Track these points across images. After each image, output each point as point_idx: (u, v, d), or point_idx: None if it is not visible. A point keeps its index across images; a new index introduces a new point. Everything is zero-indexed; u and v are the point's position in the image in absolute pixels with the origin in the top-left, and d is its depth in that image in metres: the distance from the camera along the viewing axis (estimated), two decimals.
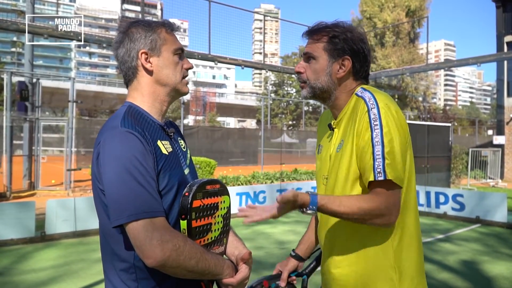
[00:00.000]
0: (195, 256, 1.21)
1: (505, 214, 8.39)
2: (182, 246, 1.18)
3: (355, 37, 1.50)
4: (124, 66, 1.40)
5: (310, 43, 1.54)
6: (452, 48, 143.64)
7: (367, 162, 1.36)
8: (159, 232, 1.16)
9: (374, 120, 1.36)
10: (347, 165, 1.45)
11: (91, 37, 11.74)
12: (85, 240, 6.78)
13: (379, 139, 1.35)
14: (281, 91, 56.60)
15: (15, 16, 35.80)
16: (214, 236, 1.38)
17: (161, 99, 1.41)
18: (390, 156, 1.34)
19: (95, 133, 23.74)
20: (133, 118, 1.29)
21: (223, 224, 1.43)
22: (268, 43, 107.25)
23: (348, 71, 1.51)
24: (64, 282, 4.80)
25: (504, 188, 15.86)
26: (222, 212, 1.41)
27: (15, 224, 6.45)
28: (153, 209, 1.18)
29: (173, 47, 1.40)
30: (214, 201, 1.37)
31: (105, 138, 1.24)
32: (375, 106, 1.39)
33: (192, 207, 1.28)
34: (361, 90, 1.51)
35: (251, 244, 6.46)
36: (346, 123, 1.51)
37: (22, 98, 12.07)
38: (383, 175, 1.32)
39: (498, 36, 20.59)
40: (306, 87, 1.55)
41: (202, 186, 1.32)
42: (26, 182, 12.44)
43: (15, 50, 75.51)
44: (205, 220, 1.34)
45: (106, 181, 1.21)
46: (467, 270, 5.45)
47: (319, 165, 1.67)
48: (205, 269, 1.24)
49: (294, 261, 1.76)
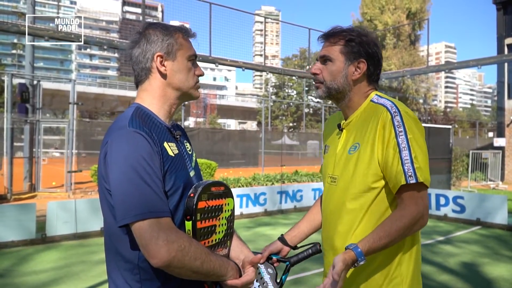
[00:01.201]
0: (200, 257, 1.21)
1: (506, 216, 8.39)
2: (187, 247, 1.18)
3: (370, 41, 1.57)
4: (137, 66, 1.40)
5: (327, 46, 1.59)
6: (453, 50, 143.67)
7: (395, 168, 1.41)
8: (165, 232, 1.16)
9: (398, 126, 1.43)
10: (364, 169, 1.48)
11: (92, 39, 11.76)
12: (85, 242, 6.78)
13: (406, 145, 1.41)
14: (282, 93, 56.61)
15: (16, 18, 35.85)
16: (218, 238, 1.39)
17: (170, 102, 1.42)
18: (418, 160, 1.40)
19: (96, 135, 23.77)
20: (141, 119, 1.30)
21: (227, 226, 1.43)
22: (268, 45, 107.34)
23: (363, 73, 1.57)
24: (64, 284, 4.80)
25: (505, 190, 15.83)
26: (226, 214, 1.41)
27: (16, 226, 6.45)
28: (159, 209, 1.19)
29: (188, 53, 1.42)
30: (219, 203, 1.38)
31: (113, 138, 1.25)
32: (398, 113, 1.45)
33: (198, 208, 1.29)
34: (377, 97, 1.58)
35: (251, 245, 6.42)
36: (359, 127, 1.55)
37: (22, 100, 12.08)
38: (414, 178, 1.38)
39: (499, 38, 20.60)
40: (322, 87, 1.60)
41: (207, 187, 1.33)
42: (27, 184, 12.44)
43: (15, 52, 75.58)
44: (209, 222, 1.34)
45: (113, 180, 1.21)
46: (467, 272, 5.45)
47: (325, 164, 1.71)
48: (210, 270, 1.24)
49: (279, 243, 1.78)
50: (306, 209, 10.32)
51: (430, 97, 48.13)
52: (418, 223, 1.39)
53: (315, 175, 16.01)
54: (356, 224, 1.51)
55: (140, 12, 52.81)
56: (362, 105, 1.59)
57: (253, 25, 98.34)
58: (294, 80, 53.31)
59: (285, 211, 10.02)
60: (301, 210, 10.28)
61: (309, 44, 13.26)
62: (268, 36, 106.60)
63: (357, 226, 1.50)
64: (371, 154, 1.47)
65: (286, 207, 10.07)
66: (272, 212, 9.73)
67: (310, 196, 10.67)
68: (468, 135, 46.49)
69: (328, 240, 1.63)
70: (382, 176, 1.47)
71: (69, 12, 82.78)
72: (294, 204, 10.29)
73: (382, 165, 1.45)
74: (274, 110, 52.17)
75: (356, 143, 1.53)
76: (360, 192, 1.49)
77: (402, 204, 1.41)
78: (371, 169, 1.47)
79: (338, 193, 1.57)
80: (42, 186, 12.66)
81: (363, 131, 1.52)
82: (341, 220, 1.55)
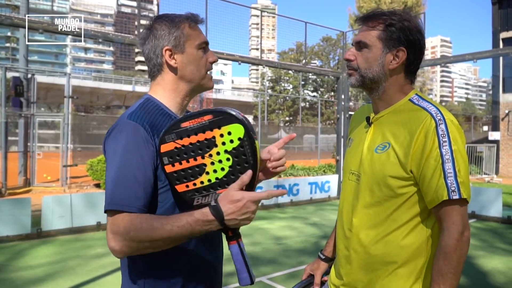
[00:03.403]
0: (149, 234, 1.15)
1: (500, 209, 8.45)
2: (126, 233, 1.15)
3: (412, 27, 1.42)
4: (150, 63, 1.40)
5: (364, 31, 1.46)
6: (448, 44, 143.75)
7: (436, 181, 1.29)
8: (111, 226, 1.18)
9: (442, 136, 1.31)
10: (393, 173, 1.38)
11: (87, 32, 11.65)
12: (81, 236, 6.76)
13: (450, 156, 1.29)
14: (278, 87, 56.53)
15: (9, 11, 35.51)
16: (216, 178, 1.21)
17: (183, 95, 1.41)
18: (461, 174, 1.29)
19: (91, 129, 23.69)
20: (144, 111, 1.30)
21: (233, 161, 1.20)
22: (265, 39, 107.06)
23: (402, 63, 1.43)
24: (60, 279, 4.79)
25: (499, 184, 15.94)
26: (227, 147, 1.19)
27: (11, 221, 6.42)
28: (124, 203, 1.18)
29: (197, 42, 1.39)
30: (203, 137, 1.19)
31: (112, 127, 1.30)
32: (443, 121, 1.32)
33: (161, 152, 1.20)
34: (417, 97, 1.45)
35: (248, 240, 6.46)
36: (392, 125, 1.43)
37: (17, 94, 11.99)
38: (457, 193, 1.27)
39: (494, 32, 20.64)
40: (355, 74, 1.47)
41: (173, 125, 1.19)
42: (22, 179, 12.38)
43: (9, 45, 74.95)
44: (189, 163, 1.20)
45: (106, 167, 1.27)
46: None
47: (348, 159, 1.60)
48: (166, 237, 1.15)
49: (323, 263, 1.75)
50: (302, 203, 10.38)
51: (426, 91, 48.33)
52: (466, 241, 1.30)
53: (311, 169, 16.03)
54: (374, 226, 1.43)
55: (136, 5, 52.42)
56: (399, 102, 1.45)
57: (249, 19, 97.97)
58: (290, 74, 53.22)
59: (281, 205, 10.03)
60: (298, 204, 10.31)
61: (306, 38, 13.20)
62: (264, 30, 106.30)
63: (375, 228, 1.43)
64: (404, 160, 1.35)
65: (282, 201, 10.08)
66: (268, 206, 9.74)
67: (307, 190, 10.70)
68: (463, 128, 46.60)
69: (341, 238, 1.56)
70: (410, 184, 1.37)
71: (63, 5, 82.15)
72: (291, 198, 10.31)
73: (418, 176, 1.34)
74: (271, 104, 52.11)
75: (386, 143, 1.42)
76: (385, 196, 1.40)
77: (442, 225, 1.31)
78: (400, 175, 1.36)
79: (360, 192, 1.47)
80: (37, 180, 12.60)
81: (397, 132, 1.39)
82: (358, 219, 1.48)
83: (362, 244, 1.46)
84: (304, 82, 54.88)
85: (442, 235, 1.31)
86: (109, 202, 1.19)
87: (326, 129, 35.00)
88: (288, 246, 6.37)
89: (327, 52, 53.64)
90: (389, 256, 1.41)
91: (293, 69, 15.43)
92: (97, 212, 7.05)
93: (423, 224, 1.39)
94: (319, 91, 56.22)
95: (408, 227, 1.39)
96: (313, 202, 10.70)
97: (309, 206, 10.29)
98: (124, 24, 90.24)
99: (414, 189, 1.37)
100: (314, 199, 10.83)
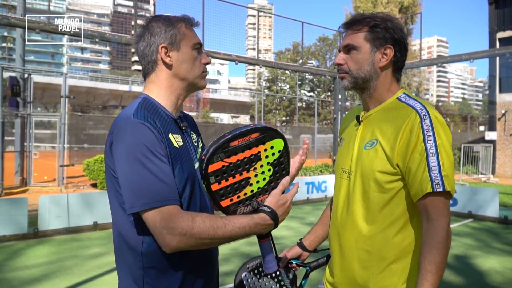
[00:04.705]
0: (209, 232, 1.21)
1: (497, 209, 8.48)
2: (189, 230, 1.19)
3: (395, 26, 1.50)
4: (144, 59, 1.42)
5: (350, 35, 1.52)
6: (444, 44, 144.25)
7: (421, 174, 1.33)
8: (166, 221, 1.19)
9: (427, 131, 1.35)
10: (381, 167, 1.42)
11: (85, 32, 11.61)
12: (78, 236, 6.74)
13: (434, 150, 1.33)
14: (275, 87, 56.56)
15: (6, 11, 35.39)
16: (258, 188, 1.31)
17: (177, 93, 1.44)
18: (445, 167, 1.33)
19: (87, 129, 23.62)
20: (146, 110, 1.32)
21: (274, 171, 1.33)
22: (261, 39, 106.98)
23: (390, 60, 1.50)
24: (57, 278, 4.78)
25: (496, 184, 16.00)
26: (269, 159, 1.31)
27: (8, 221, 6.40)
28: (163, 198, 1.21)
29: (192, 42, 1.42)
30: (250, 153, 1.27)
31: (118, 128, 1.28)
32: (428, 117, 1.37)
33: (208, 172, 1.22)
34: (404, 96, 1.51)
35: (245, 240, 6.45)
36: (380, 123, 1.48)
37: (13, 94, 11.97)
38: (441, 186, 1.31)
39: (491, 32, 20.71)
40: (347, 77, 1.53)
41: (221, 146, 1.23)
42: (18, 179, 12.34)
43: (6, 45, 74.68)
44: (235, 178, 1.27)
45: (120, 171, 1.25)
46: (459, 265, 5.50)
47: (339, 158, 1.66)
48: (227, 237, 1.23)
49: (298, 248, 1.82)
50: (299, 203, 10.38)
51: (422, 91, 48.43)
52: (449, 235, 1.32)
53: (308, 169, 16.04)
54: (366, 223, 1.46)
55: (132, 5, 52.31)
56: (387, 100, 1.52)
57: (246, 19, 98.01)
58: (287, 74, 53.26)
59: None
60: (294, 203, 10.31)
61: (302, 38, 13.21)
62: (261, 30, 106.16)
63: (367, 225, 1.46)
64: (391, 154, 1.40)
65: None
66: None
67: (303, 190, 10.70)
68: (460, 128, 46.81)
69: (335, 236, 1.60)
70: (397, 179, 1.41)
71: (60, 5, 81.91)
72: None
73: (404, 170, 1.38)
74: (267, 104, 52.13)
75: (374, 139, 1.47)
76: (374, 191, 1.44)
77: (428, 216, 1.33)
78: (387, 169, 1.41)
79: (351, 188, 1.52)
80: (34, 180, 12.57)
81: (384, 129, 1.45)
82: (351, 217, 1.51)
83: (355, 241, 1.49)
84: (300, 82, 54.92)
85: (430, 226, 1.32)
86: (148, 201, 1.19)
87: (322, 129, 35.03)
88: (285, 246, 6.33)
89: (323, 52, 53.70)
90: (382, 252, 1.44)
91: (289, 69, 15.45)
92: (94, 212, 7.04)
93: (414, 220, 1.43)
94: (316, 91, 56.31)
95: (399, 223, 1.43)
96: (310, 202, 10.71)
97: (306, 206, 10.30)
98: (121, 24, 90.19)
99: (401, 184, 1.41)
100: (311, 199, 10.84)
